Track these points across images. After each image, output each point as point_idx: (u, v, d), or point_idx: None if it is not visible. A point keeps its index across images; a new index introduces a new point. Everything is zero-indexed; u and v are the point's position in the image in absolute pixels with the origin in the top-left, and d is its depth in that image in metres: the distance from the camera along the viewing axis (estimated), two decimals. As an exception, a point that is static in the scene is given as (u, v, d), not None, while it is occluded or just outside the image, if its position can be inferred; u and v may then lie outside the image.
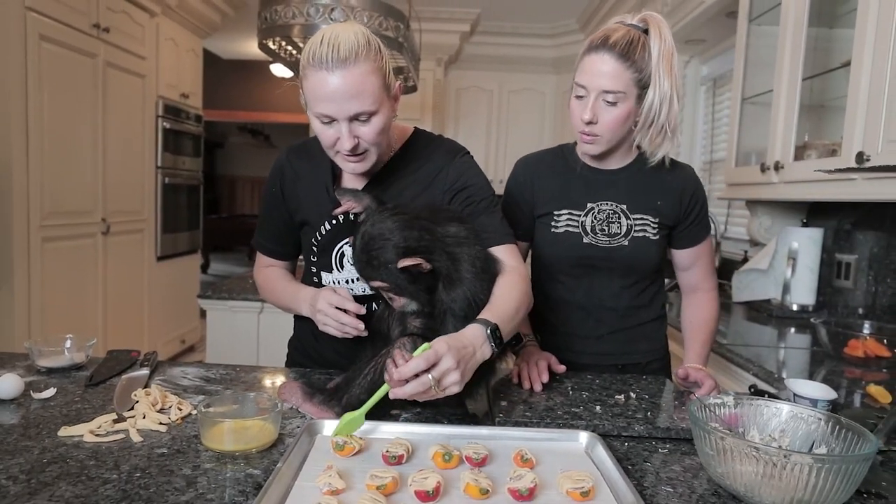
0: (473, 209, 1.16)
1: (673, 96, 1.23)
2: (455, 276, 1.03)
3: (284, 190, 1.27)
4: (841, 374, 1.58)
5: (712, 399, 0.92)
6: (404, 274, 1.00)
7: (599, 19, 4.26)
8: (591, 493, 0.77)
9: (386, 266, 1.00)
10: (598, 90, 1.22)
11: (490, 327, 0.96)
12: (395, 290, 1.04)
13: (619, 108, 1.22)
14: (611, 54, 1.20)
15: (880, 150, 1.58)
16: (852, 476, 0.72)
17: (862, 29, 1.68)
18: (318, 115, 1.04)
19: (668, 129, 1.27)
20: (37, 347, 1.20)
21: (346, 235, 1.21)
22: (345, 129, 1.04)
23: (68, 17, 2.98)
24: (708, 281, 1.44)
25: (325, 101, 1.02)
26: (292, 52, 2.75)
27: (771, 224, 2.55)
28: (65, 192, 3.06)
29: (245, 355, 2.46)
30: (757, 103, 2.41)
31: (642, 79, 1.21)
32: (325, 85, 1.00)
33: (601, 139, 1.27)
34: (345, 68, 0.99)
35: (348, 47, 0.99)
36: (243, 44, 6.27)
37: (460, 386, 0.89)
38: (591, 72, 1.22)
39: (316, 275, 1.27)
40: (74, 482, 0.77)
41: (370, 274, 1.03)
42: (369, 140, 1.07)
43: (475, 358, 0.93)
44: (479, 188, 1.19)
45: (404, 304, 1.06)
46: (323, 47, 0.99)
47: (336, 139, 1.06)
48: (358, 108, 1.02)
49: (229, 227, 8.74)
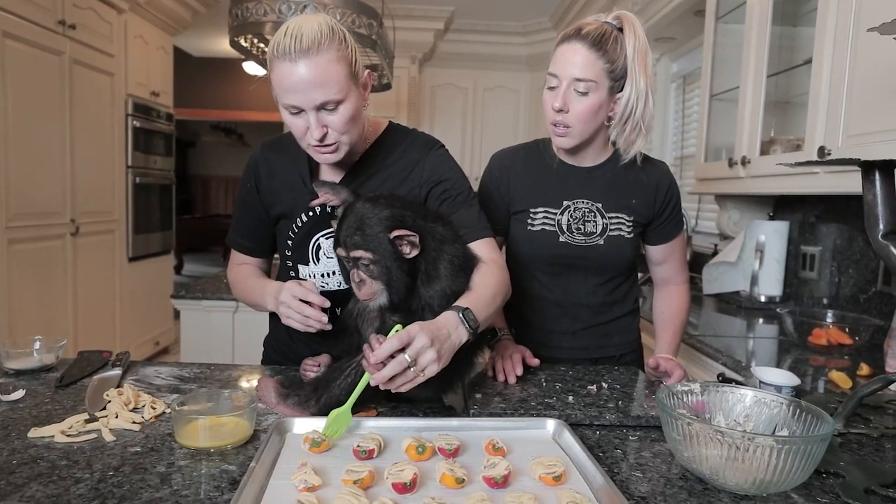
0: (451, 203, 1.18)
1: (648, 93, 1.26)
2: (433, 273, 1.05)
3: (259, 185, 1.26)
4: (806, 361, 1.64)
5: (680, 387, 0.95)
6: (391, 249, 1.00)
7: (572, 17, 4.30)
8: (563, 478, 0.79)
9: (377, 235, 1.00)
10: (569, 78, 1.23)
11: (461, 311, 0.97)
12: (377, 263, 1.01)
13: (591, 99, 1.24)
14: (582, 43, 1.22)
15: (840, 145, 1.63)
16: (811, 456, 0.75)
17: (822, 28, 1.74)
18: (286, 106, 1.05)
19: (643, 126, 1.29)
20: (4, 349, 1.18)
21: (322, 228, 1.21)
22: (312, 118, 1.04)
23: (33, 14, 2.91)
24: (680, 274, 1.47)
25: (291, 92, 1.03)
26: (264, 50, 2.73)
27: (739, 218, 2.61)
28: (32, 193, 3.00)
29: (220, 356, 2.43)
30: (725, 100, 2.47)
31: (614, 70, 1.23)
32: (290, 75, 1.01)
33: (573, 131, 1.28)
34: (308, 58, 1.00)
35: (311, 37, 1.00)
36: (214, 41, 6.18)
37: (438, 365, 0.90)
38: (562, 60, 1.24)
39: (292, 268, 1.27)
40: (46, 482, 0.76)
41: (358, 241, 1.01)
42: (338, 128, 1.07)
43: (451, 340, 0.94)
44: (456, 181, 1.20)
45: (374, 292, 1.03)
46: (286, 38, 1.00)
47: (306, 129, 1.07)
48: (323, 98, 1.03)
49: (203, 228, 8.62)
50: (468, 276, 1.07)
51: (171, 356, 4.51)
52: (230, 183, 10.43)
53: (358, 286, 1.04)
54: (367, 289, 1.03)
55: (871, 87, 1.54)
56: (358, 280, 1.04)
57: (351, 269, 1.05)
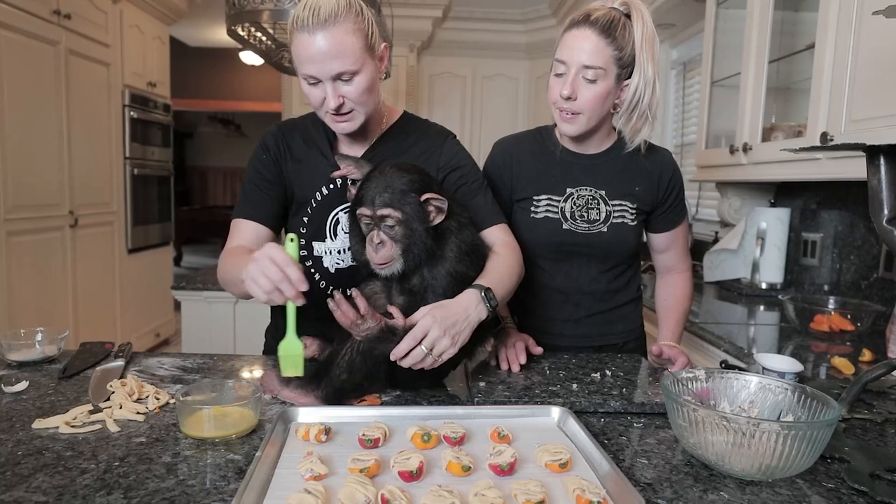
0: (467, 189, 1.23)
1: (655, 81, 1.26)
2: (439, 255, 1.06)
3: (280, 157, 1.25)
4: (808, 348, 1.64)
5: (685, 374, 0.94)
6: (419, 211, 1.02)
7: (570, 4, 4.26)
8: (569, 465, 0.79)
9: (407, 195, 1.02)
10: (578, 65, 1.22)
11: (483, 290, 1.04)
12: (402, 224, 1.01)
13: (599, 86, 1.23)
14: (592, 29, 1.21)
15: (843, 130, 1.62)
16: (817, 441, 0.75)
17: (825, 12, 1.72)
18: (304, 76, 1.10)
19: (650, 115, 1.29)
20: (6, 341, 1.18)
21: (340, 203, 1.23)
22: (329, 88, 1.09)
23: (26, 4, 2.88)
24: (683, 262, 1.47)
25: (308, 63, 1.07)
26: (262, 39, 2.71)
27: (740, 205, 2.61)
28: (29, 185, 2.98)
29: (221, 346, 2.43)
30: (726, 86, 2.45)
31: (622, 58, 1.22)
32: (308, 46, 1.05)
33: (580, 118, 1.27)
34: (325, 29, 1.04)
35: (328, 9, 1.05)
36: (211, 31, 6.13)
37: (455, 348, 0.98)
38: (571, 47, 1.23)
39: (305, 247, 1.25)
40: (52, 473, 0.76)
41: (387, 199, 1.01)
42: (354, 98, 1.10)
43: (469, 320, 1.01)
44: (471, 169, 1.27)
45: (392, 257, 1.02)
46: (305, 11, 1.05)
47: (323, 99, 1.11)
48: (340, 68, 1.07)
49: (202, 219, 8.60)
50: (473, 261, 1.10)
51: (171, 348, 4.51)
52: (228, 174, 10.39)
53: (376, 248, 1.02)
54: (386, 251, 1.02)
55: (874, 71, 1.53)
56: (378, 242, 1.02)
57: (370, 231, 1.03)
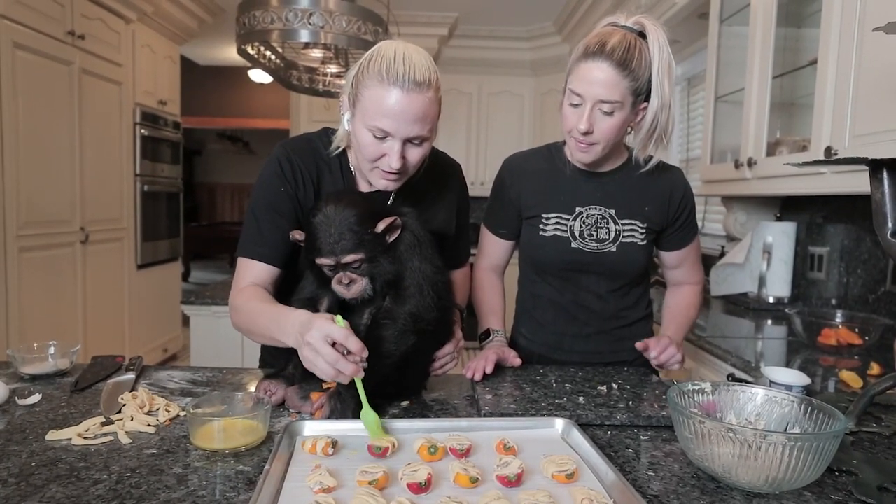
0: (460, 227, 1.31)
1: (671, 104, 1.22)
2: (404, 294, 1.06)
3: (298, 191, 1.16)
4: (815, 361, 1.63)
5: (691, 386, 0.95)
6: (377, 242, 1.04)
7: (575, 22, 4.31)
8: (576, 475, 0.79)
9: (364, 231, 1.02)
10: (594, 100, 1.19)
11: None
12: (367, 261, 1.03)
13: (616, 118, 1.21)
14: (608, 63, 1.17)
15: (847, 145, 1.63)
16: (824, 453, 0.75)
17: (827, 28, 1.74)
18: (374, 127, 1.04)
19: (665, 136, 1.26)
20: (20, 355, 1.19)
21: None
22: (398, 147, 1.05)
23: (42, 25, 2.95)
24: (694, 276, 1.46)
25: (386, 118, 1.02)
26: (271, 58, 2.76)
27: (746, 219, 2.61)
28: (42, 201, 3.02)
29: (229, 360, 2.44)
30: (730, 101, 2.47)
31: (638, 87, 1.19)
32: (395, 102, 1.01)
33: (596, 147, 1.25)
34: (419, 92, 1.02)
35: (424, 72, 1.02)
36: (221, 50, 6.23)
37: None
38: (587, 80, 1.19)
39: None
40: (65, 484, 0.77)
41: (348, 245, 1.01)
42: (414, 163, 1.09)
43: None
44: (468, 206, 1.34)
45: (362, 289, 1.04)
46: (398, 64, 1.01)
47: (382, 155, 1.06)
48: (418, 132, 1.04)
49: (210, 235, 8.65)
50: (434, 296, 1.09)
51: (179, 363, 4.52)
52: (236, 190, 10.48)
53: (347, 287, 1.04)
54: (358, 287, 1.05)
55: (876, 86, 1.54)
56: (348, 282, 1.04)
57: (336, 274, 1.05)
